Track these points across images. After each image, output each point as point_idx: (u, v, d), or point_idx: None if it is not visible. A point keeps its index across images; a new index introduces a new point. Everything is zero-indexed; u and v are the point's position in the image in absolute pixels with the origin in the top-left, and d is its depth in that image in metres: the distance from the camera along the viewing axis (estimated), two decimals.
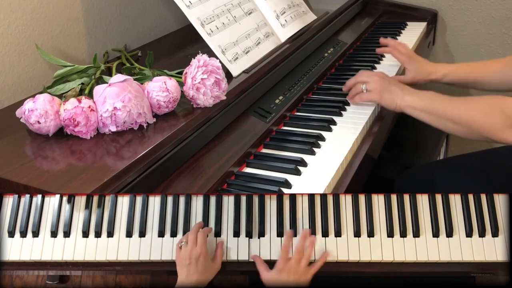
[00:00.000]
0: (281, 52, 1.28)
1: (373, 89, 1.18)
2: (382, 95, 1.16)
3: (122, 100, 0.89)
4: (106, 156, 0.86)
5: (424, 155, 1.58)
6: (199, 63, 0.96)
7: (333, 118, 1.18)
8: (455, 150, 2.01)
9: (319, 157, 1.05)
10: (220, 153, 1.00)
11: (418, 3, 1.94)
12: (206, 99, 0.97)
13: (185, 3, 1.11)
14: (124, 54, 1.23)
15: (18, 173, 0.81)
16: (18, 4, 1.12)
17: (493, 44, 1.88)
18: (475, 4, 1.86)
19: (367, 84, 1.20)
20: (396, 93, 1.15)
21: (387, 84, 1.17)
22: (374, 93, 1.18)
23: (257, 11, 1.30)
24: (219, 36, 1.14)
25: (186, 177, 0.93)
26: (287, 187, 0.96)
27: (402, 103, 1.13)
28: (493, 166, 1.25)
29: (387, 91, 1.16)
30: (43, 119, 0.88)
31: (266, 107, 1.18)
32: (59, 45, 1.24)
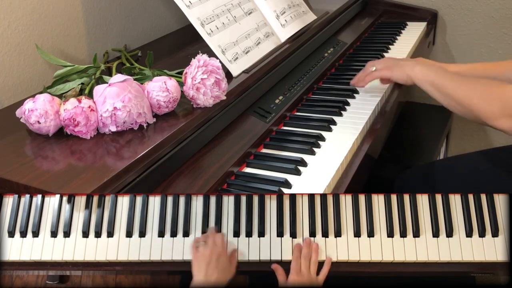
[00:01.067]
0: (281, 52, 1.28)
1: (383, 67, 1.23)
2: (392, 69, 1.21)
3: (122, 100, 0.89)
4: (106, 156, 0.86)
5: (424, 155, 1.58)
6: (199, 63, 0.96)
7: (333, 118, 1.19)
8: (455, 150, 2.01)
9: (319, 157, 1.05)
10: (220, 153, 1.00)
11: (418, 3, 1.94)
12: (206, 99, 0.97)
13: (185, 3, 1.11)
14: (124, 54, 1.23)
15: (18, 173, 0.81)
16: (18, 4, 1.12)
17: (493, 44, 1.88)
18: (475, 4, 1.86)
19: (376, 64, 1.24)
20: (406, 64, 1.19)
21: (396, 60, 1.22)
22: (384, 69, 1.22)
23: (257, 11, 1.30)
24: (219, 36, 1.15)
25: (186, 177, 0.93)
26: (287, 187, 0.96)
27: (413, 73, 1.17)
28: (493, 166, 1.25)
29: (397, 65, 1.20)
30: (43, 119, 0.88)
31: (266, 107, 1.18)
32: (59, 45, 1.24)
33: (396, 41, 1.70)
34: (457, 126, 2.02)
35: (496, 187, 1.09)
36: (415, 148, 1.62)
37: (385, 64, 1.23)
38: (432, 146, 1.62)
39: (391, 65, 1.21)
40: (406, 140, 1.64)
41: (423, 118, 1.79)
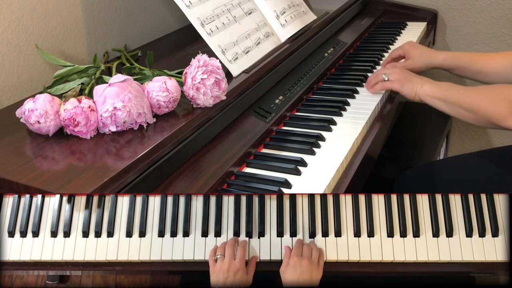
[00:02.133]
0: (281, 52, 1.28)
1: (395, 79, 1.24)
2: (403, 84, 1.22)
3: (122, 100, 0.89)
4: (106, 156, 0.86)
5: (424, 155, 1.58)
6: (199, 63, 0.96)
7: (333, 118, 1.19)
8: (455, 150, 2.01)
9: (319, 157, 1.05)
10: (220, 153, 1.00)
11: (418, 3, 1.94)
12: (206, 99, 0.97)
13: (185, 3, 1.11)
14: (124, 54, 1.23)
15: (18, 173, 0.81)
16: (18, 4, 1.12)
17: (493, 44, 1.88)
18: (475, 4, 1.86)
19: (388, 74, 1.25)
20: (416, 82, 1.20)
21: (407, 75, 1.23)
22: (395, 82, 1.24)
23: (257, 11, 1.30)
24: (219, 36, 1.15)
25: (186, 177, 0.93)
26: (287, 187, 0.96)
27: (421, 91, 1.19)
28: (493, 166, 1.25)
29: (408, 80, 1.22)
30: (43, 119, 0.88)
31: (266, 107, 1.18)
32: (59, 45, 1.24)
33: (396, 41, 1.70)
34: (457, 126, 2.02)
35: (496, 187, 1.09)
36: (415, 148, 1.62)
37: (397, 77, 1.24)
38: (432, 146, 1.62)
39: (403, 79, 1.23)
40: (406, 140, 1.64)
41: (423, 118, 1.79)
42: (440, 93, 1.16)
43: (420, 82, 1.19)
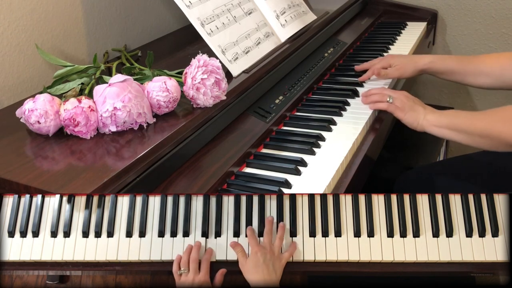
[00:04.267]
0: (281, 52, 1.28)
1: (399, 105, 1.18)
2: (406, 112, 1.17)
3: (122, 100, 0.89)
4: (106, 156, 0.86)
5: (424, 156, 1.58)
6: (199, 63, 0.96)
7: (333, 118, 1.19)
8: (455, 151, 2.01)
9: (319, 157, 1.05)
10: (220, 153, 1.00)
11: (418, 3, 1.94)
12: (206, 99, 0.97)
13: (185, 3, 1.11)
14: (124, 54, 1.23)
15: (18, 173, 0.81)
16: (18, 4, 1.12)
17: (493, 44, 1.88)
18: (475, 4, 1.86)
19: (394, 98, 1.20)
20: (419, 111, 1.15)
21: (412, 103, 1.18)
22: (399, 110, 1.18)
23: (257, 11, 1.30)
24: (219, 36, 1.14)
25: (186, 177, 0.93)
26: (287, 187, 0.96)
27: (425, 122, 1.14)
28: (493, 166, 1.25)
29: (411, 109, 1.16)
30: (43, 119, 0.88)
31: (266, 107, 1.18)
32: (59, 45, 1.24)
33: (396, 41, 1.70)
34: None
35: (496, 187, 1.09)
36: (415, 148, 1.62)
37: (401, 104, 1.18)
38: (432, 147, 1.62)
39: (407, 108, 1.17)
40: (406, 140, 1.64)
41: None
42: (447, 121, 1.11)
43: (423, 112, 1.15)
